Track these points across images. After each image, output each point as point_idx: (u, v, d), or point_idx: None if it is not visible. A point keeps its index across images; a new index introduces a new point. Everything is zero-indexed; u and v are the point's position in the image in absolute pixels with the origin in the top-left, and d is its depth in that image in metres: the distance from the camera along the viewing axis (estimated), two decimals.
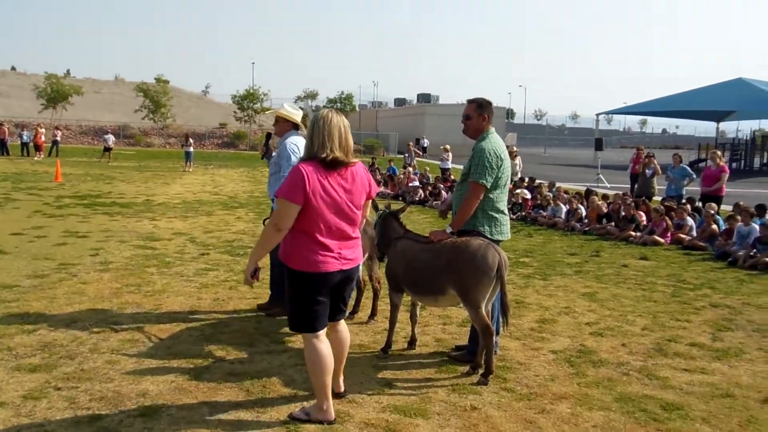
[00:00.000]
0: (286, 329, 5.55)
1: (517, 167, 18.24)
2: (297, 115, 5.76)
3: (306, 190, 3.42)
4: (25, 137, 33.38)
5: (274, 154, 5.96)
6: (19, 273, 7.14)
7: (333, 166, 3.52)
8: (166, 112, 53.55)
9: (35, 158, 30.13)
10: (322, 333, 3.66)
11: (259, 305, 6.11)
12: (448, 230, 4.69)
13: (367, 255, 5.68)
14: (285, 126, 5.74)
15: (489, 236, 4.67)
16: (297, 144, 5.57)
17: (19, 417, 3.67)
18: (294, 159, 5.43)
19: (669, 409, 4.09)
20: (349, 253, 3.66)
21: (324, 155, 3.49)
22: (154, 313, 5.86)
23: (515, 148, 19.53)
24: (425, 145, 46.81)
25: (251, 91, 56.88)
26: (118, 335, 5.19)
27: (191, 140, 29.06)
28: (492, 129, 4.86)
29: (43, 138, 32.29)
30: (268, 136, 6.21)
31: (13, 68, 75.36)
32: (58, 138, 33.45)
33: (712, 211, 11.14)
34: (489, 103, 4.88)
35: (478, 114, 4.82)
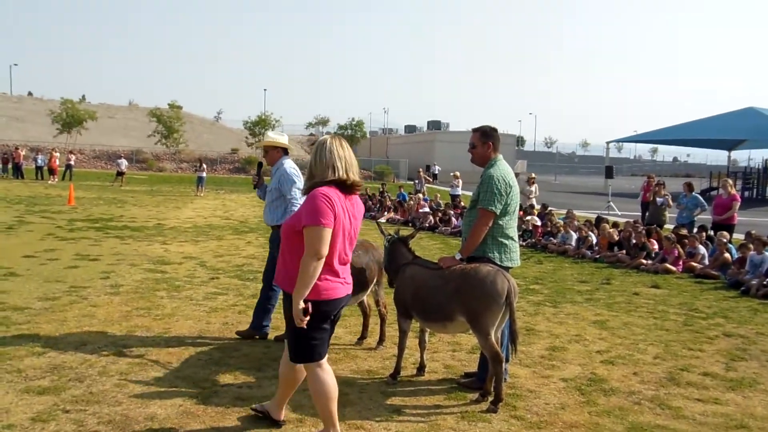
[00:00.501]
0: None
1: (533, 194, 18.27)
2: (284, 140, 5.82)
3: (336, 212, 3.39)
4: (39, 161, 33.83)
5: (265, 184, 6.03)
6: (31, 295, 7.18)
7: (351, 190, 3.53)
8: (179, 138, 54.14)
9: (49, 182, 30.47)
10: (324, 361, 3.61)
11: (276, 337, 5.96)
12: (458, 257, 4.69)
13: (375, 280, 5.67)
14: (276, 154, 5.79)
15: (498, 263, 4.67)
16: (294, 168, 5.64)
17: None
18: (299, 182, 5.47)
19: None
20: (348, 278, 3.68)
21: (345, 178, 3.47)
22: (163, 337, 5.86)
23: (533, 175, 19.54)
24: (436, 172, 46.95)
25: (263, 117, 57.48)
26: (126, 358, 5.19)
27: (204, 165, 29.34)
28: (500, 156, 4.89)
29: (57, 162, 32.69)
30: (260, 165, 6.17)
31: (30, 93, 76.59)
32: (72, 162, 33.87)
33: (725, 240, 11.06)
34: (493, 131, 4.90)
35: (482, 142, 4.85)
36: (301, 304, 3.33)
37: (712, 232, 12.57)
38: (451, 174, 23.99)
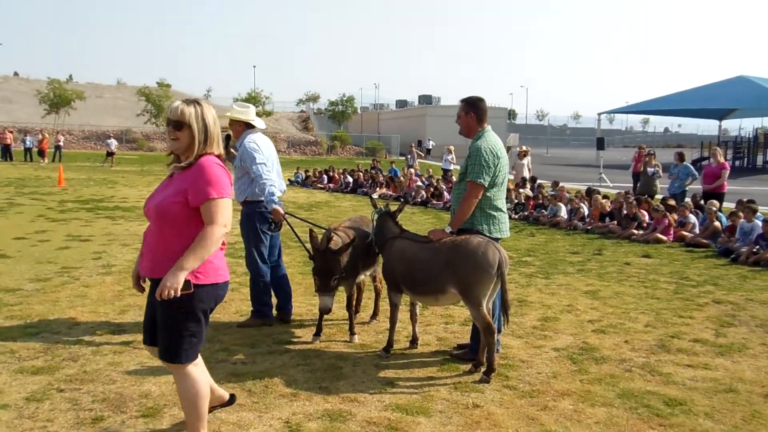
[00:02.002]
0: (288, 329, 5.58)
1: (526, 167, 18.23)
2: (246, 113, 5.61)
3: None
4: (28, 142, 33.50)
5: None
6: (22, 277, 7.16)
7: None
8: None
9: (40, 163, 30.22)
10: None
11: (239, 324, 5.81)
12: (448, 230, 4.70)
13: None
14: (239, 127, 5.60)
15: (488, 234, 4.67)
16: (256, 141, 5.47)
17: (22, 419, 3.68)
18: (259, 157, 5.35)
19: (672, 404, 4.08)
20: None
21: (218, 152, 3.19)
22: None
23: (524, 148, 19.50)
24: (430, 147, 46.78)
25: (253, 94, 57.01)
26: (120, 337, 5.20)
27: None
28: (488, 127, 4.86)
29: (48, 143, 32.41)
30: (227, 138, 5.90)
31: (15, 73, 75.42)
32: (61, 143, 33.56)
33: (714, 208, 11.12)
34: (478, 100, 4.86)
35: (465, 112, 4.83)
36: (182, 277, 2.94)
37: (702, 201, 12.63)
38: (446, 148, 23.90)
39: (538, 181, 17.32)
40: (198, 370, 3.25)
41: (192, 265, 2.98)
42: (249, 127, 5.62)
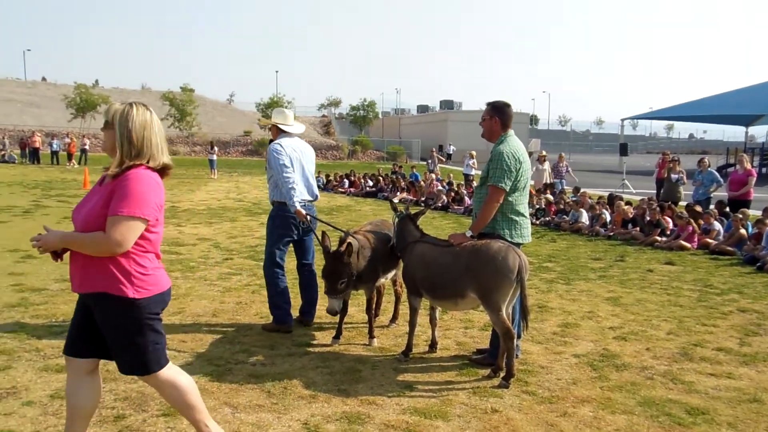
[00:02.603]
0: (308, 331, 5.61)
1: (546, 172, 18.20)
2: (278, 117, 5.76)
3: (161, 202, 2.94)
4: (54, 146, 34.10)
5: None
6: (48, 277, 7.29)
7: (163, 174, 3.01)
8: (192, 121, 54.24)
9: (67, 166, 30.77)
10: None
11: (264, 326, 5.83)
12: (468, 234, 4.69)
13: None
14: (274, 131, 5.78)
15: (509, 239, 4.66)
16: (281, 144, 5.55)
17: (47, 415, 3.75)
18: (280, 159, 5.42)
19: (694, 413, 4.02)
20: None
21: (155, 163, 2.94)
22: (178, 316, 5.93)
23: (544, 153, 19.48)
24: (451, 152, 46.70)
25: (275, 99, 57.44)
26: None
27: (215, 148, 29.49)
28: (511, 132, 4.85)
29: (76, 147, 32.99)
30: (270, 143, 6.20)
31: (43, 79, 76.86)
32: (87, 146, 34.09)
33: (741, 216, 10.94)
34: (505, 105, 4.85)
35: (490, 116, 4.82)
36: (60, 247, 2.89)
37: (728, 209, 12.44)
38: (467, 153, 23.87)
39: (562, 187, 17.22)
40: (170, 370, 3.06)
41: (68, 244, 2.89)
42: (282, 132, 5.71)
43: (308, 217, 5.49)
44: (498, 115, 4.80)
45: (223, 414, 3.85)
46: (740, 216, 10.89)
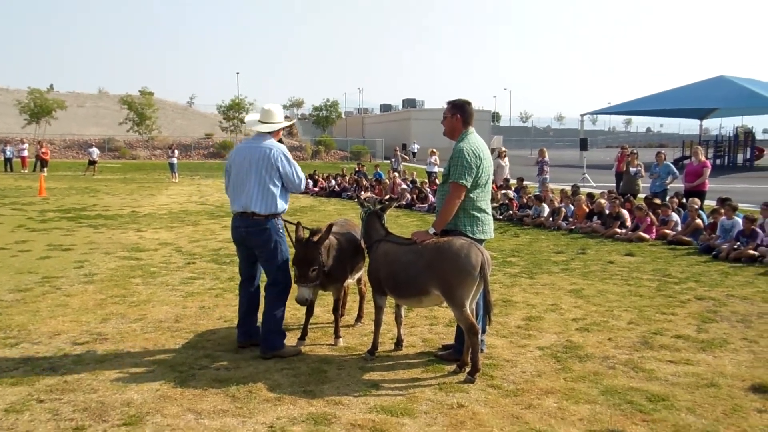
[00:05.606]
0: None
1: (506, 168, 18.41)
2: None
3: None
4: (8, 153, 33.07)
5: None
6: (2, 287, 7.06)
7: None
8: (151, 124, 53.26)
9: (42, 173, 29.80)
10: None
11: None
12: (431, 231, 4.70)
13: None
14: (279, 134, 5.34)
15: (471, 236, 4.68)
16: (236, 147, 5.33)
17: (1, 430, 3.63)
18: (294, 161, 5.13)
19: (654, 400, 4.11)
20: None
21: None
22: (139, 323, 5.81)
23: (504, 149, 19.71)
24: (415, 150, 46.80)
25: (237, 101, 56.74)
26: (102, 346, 5.14)
27: (176, 151, 29.00)
28: (471, 129, 4.88)
29: (26, 153, 32.01)
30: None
31: None
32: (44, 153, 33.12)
33: (696, 206, 11.24)
34: (465, 103, 4.88)
35: (451, 114, 4.85)
36: None
37: (684, 200, 12.75)
38: (429, 151, 23.97)
39: (524, 182, 17.41)
40: None
41: None
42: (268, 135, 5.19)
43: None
44: (459, 113, 4.82)
45: (187, 420, 3.78)
46: (695, 206, 11.17)
